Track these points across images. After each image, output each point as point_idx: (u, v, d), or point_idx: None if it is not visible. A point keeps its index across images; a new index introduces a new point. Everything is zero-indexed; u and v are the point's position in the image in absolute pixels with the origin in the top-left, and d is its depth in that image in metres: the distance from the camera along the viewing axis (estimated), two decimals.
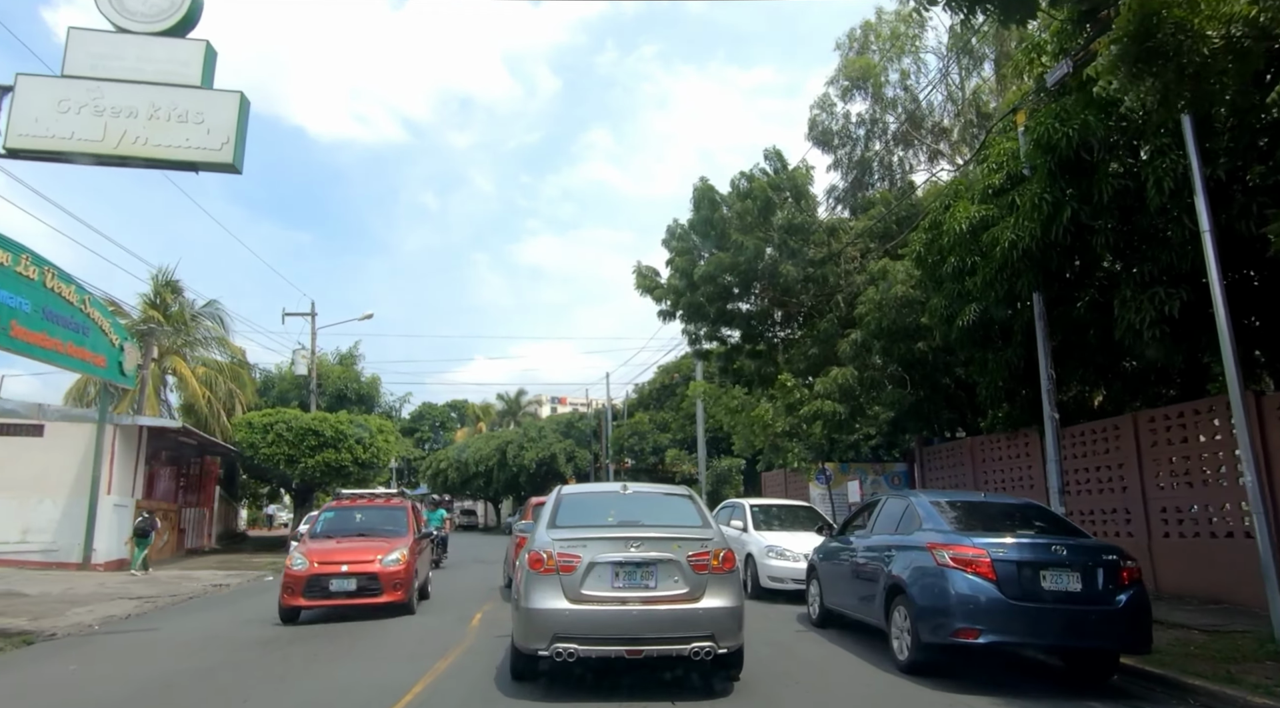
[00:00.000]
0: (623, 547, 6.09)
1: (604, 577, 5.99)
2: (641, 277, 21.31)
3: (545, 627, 5.90)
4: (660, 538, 6.19)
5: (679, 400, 39.49)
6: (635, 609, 5.91)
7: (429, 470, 59.88)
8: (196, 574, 19.58)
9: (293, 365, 32.68)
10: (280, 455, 27.45)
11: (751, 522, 13.63)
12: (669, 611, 5.93)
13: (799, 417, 17.14)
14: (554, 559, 6.03)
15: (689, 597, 5.98)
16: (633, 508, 7.05)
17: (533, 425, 46.13)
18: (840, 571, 8.81)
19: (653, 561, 6.03)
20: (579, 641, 5.84)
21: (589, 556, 6.02)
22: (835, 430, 16.88)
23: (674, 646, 5.89)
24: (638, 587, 5.99)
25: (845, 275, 17.76)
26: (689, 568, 6.04)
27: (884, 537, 7.84)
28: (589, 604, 5.91)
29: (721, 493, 29.03)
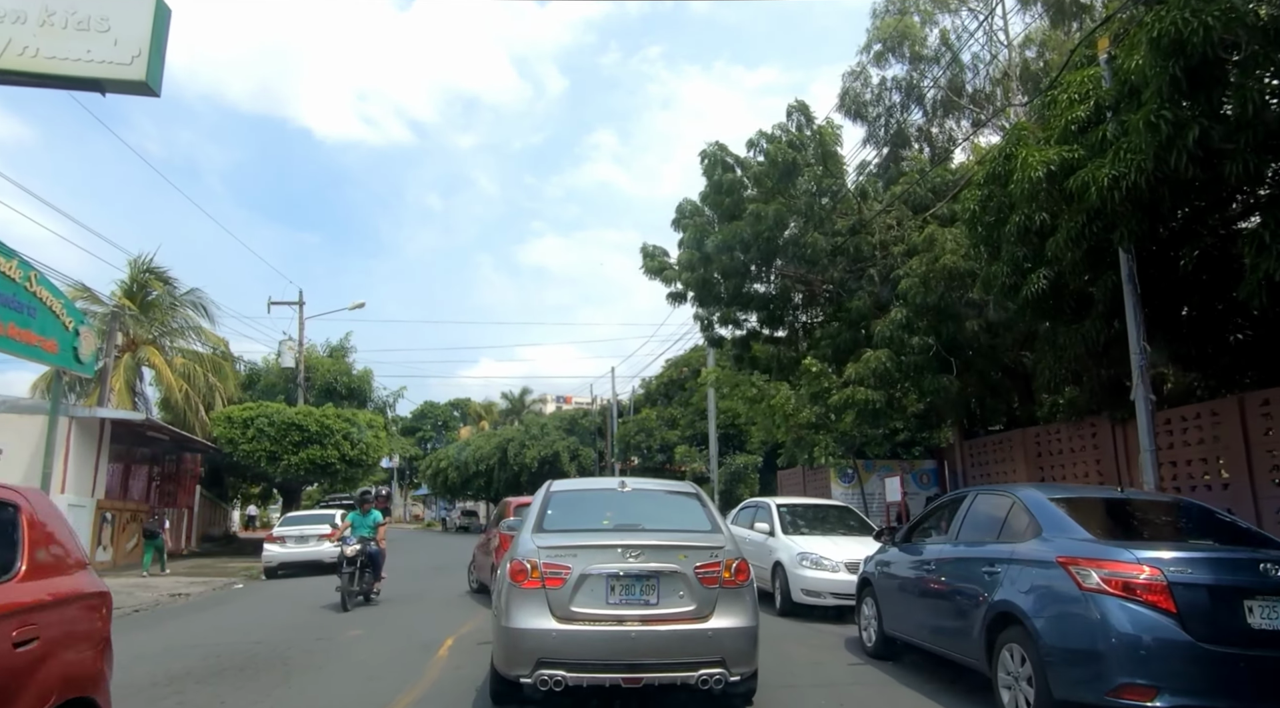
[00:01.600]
0: (620, 556, 5.25)
1: (598, 591, 5.19)
2: (649, 257, 19.32)
3: (528, 650, 5.06)
4: (664, 546, 5.37)
5: (688, 395, 37.48)
6: (634, 630, 5.11)
7: (428, 470, 58.00)
8: (156, 582, 17.73)
9: (279, 358, 30.83)
10: (261, 452, 25.59)
11: (780, 524, 11.65)
12: (673, 631, 5.13)
13: (827, 406, 15.14)
14: (539, 570, 5.18)
15: (696, 615, 5.19)
16: (632, 509, 6.18)
17: (535, 422, 44.11)
18: (909, 588, 6.83)
19: (655, 572, 5.23)
20: (567, 667, 5.00)
21: (580, 566, 5.19)
22: (869, 422, 14.87)
23: (678, 673, 5.05)
24: (637, 603, 5.19)
25: (880, 247, 15.74)
26: (697, 581, 5.24)
27: (979, 546, 5.86)
28: (580, 624, 5.10)
29: (735, 493, 27.03)
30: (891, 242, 15.50)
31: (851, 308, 16.01)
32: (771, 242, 16.05)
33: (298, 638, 9.12)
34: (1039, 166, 9.42)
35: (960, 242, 13.14)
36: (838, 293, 17.65)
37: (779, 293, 18.65)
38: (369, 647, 8.53)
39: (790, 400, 15.41)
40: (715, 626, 5.16)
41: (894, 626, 7.18)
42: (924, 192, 15.86)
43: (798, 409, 15.42)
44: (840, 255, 16.35)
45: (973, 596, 5.63)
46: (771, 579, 11.23)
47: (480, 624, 10.02)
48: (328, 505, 26.99)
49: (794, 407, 15.42)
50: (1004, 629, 5.21)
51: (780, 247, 16.63)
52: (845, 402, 14.63)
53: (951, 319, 14.02)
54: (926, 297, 13.72)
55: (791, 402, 15.38)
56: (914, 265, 13.91)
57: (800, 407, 15.42)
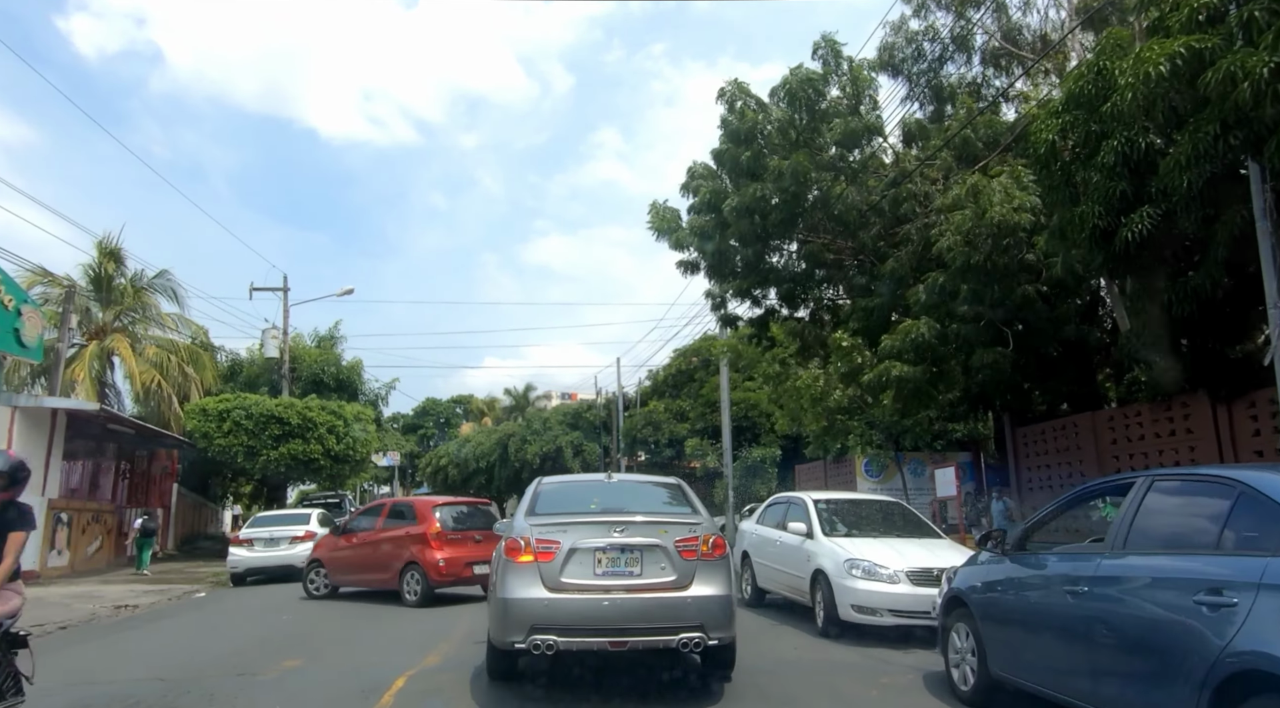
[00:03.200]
0: (605, 531, 5.66)
1: (585, 564, 5.56)
2: (659, 217, 17.27)
3: (522, 618, 5.43)
4: (646, 522, 5.81)
5: (698, 387, 35.45)
6: (619, 598, 5.47)
7: (428, 468, 56.08)
8: (105, 590, 15.76)
9: (261, 347, 28.89)
10: (237, 447, 23.66)
11: (819, 524, 9.60)
12: (655, 599, 5.51)
13: (861, 386, 13.10)
14: (531, 546, 5.59)
15: (676, 585, 5.57)
16: (617, 496, 6.66)
17: (536, 417, 42.08)
18: (1036, 616, 4.80)
19: (638, 546, 5.61)
20: (558, 632, 5.37)
21: (569, 541, 5.58)
22: (911, 402, 12.81)
23: (660, 637, 5.44)
24: (622, 574, 5.57)
25: (922, 202, 13.67)
26: (677, 554, 5.63)
27: (1181, 560, 3.82)
28: (569, 593, 5.47)
29: (750, 489, 24.94)
30: (936, 192, 13.42)
31: (886, 272, 13.95)
32: (796, 200, 14.01)
33: (215, 673, 7.15)
34: (1160, 61, 7.34)
35: (1011, 192, 11.08)
36: (869, 261, 15.61)
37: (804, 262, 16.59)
38: (295, 689, 6.53)
39: (819, 380, 13.35)
40: (694, 594, 5.51)
41: (1007, 666, 5.13)
42: (974, 139, 13.78)
43: (828, 391, 13.36)
44: (875, 215, 14.30)
45: (1176, 638, 3.59)
46: (810, 592, 9.19)
47: (451, 653, 8.02)
48: (311, 505, 25.11)
49: (824, 388, 13.35)
50: (1253, 698, 3.17)
51: (805, 209, 14.60)
52: (881, 380, 12.58)
53: (999, 282, 11.95)
54: (970, 257, 11.68)
55: (821, 381, 13.33)
56: (957, 221, 11.85)
57: (831, 387, 13.37)
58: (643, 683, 6.19)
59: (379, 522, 12.74)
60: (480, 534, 12.21)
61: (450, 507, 12.69)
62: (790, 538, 9.95)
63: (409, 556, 11.67)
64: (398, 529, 12.22)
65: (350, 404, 27.67)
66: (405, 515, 12.51)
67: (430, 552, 11.49)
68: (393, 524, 12.49)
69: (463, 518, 12.45)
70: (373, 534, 12.64)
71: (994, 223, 10.94)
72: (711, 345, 36.51)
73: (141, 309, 26.16)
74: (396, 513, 12.85)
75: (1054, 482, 13.94)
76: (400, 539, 11.99)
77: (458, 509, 12.75)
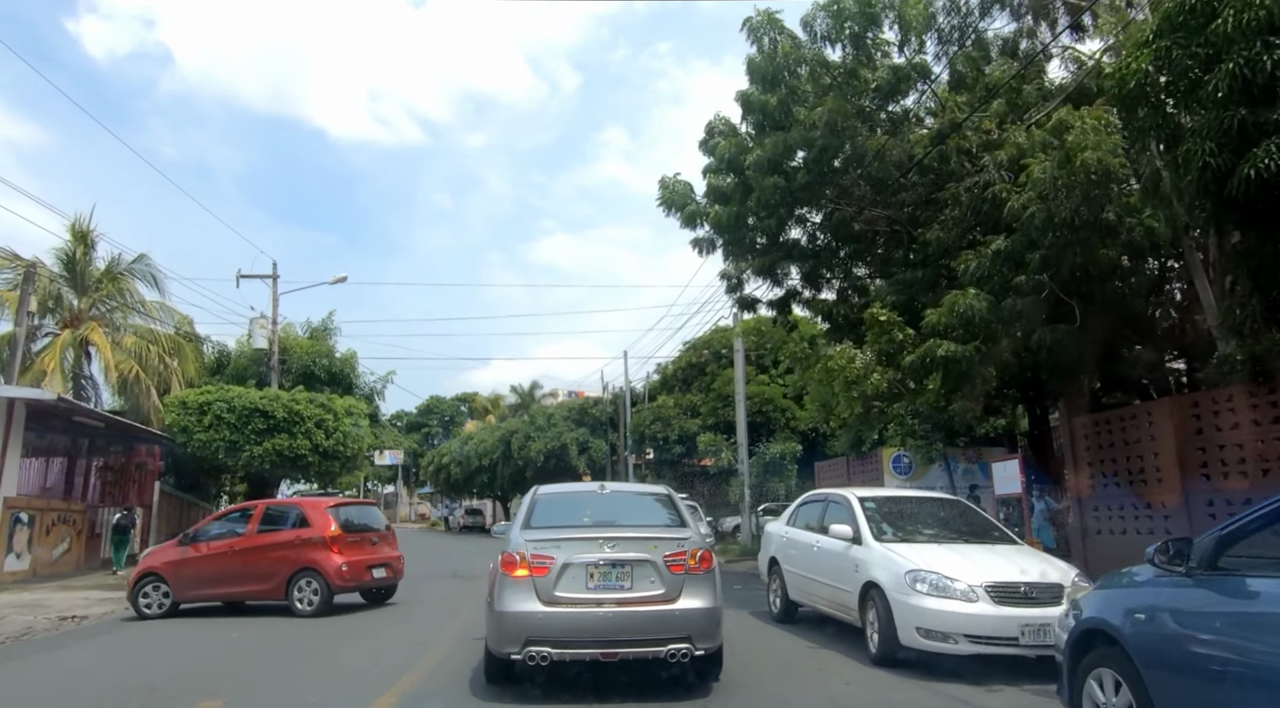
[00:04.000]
0: (598, 547, 5.83)
1: (578, 578, 5.75)
2: (669, 191, 15.66)
3: (517, 630, 5.62)
4: (636, 538, 5.98)
5: (709, 380, 33.77)
6: (610, 611, 5.65)
7: (430, 466, 54.67)
8: (56, 599, 14.20)
9: (249, 338, 27.37)
10: (219, 442, 22.13)
11: (868, 526, 7.94)
12: (645, 612, 5.69)
13: (903, 367, 11.43)
14: (527, 560, 5.77)
15: (665, 598, 5.74)
16: (609, 508, 6.86)
17: (540, 413, 40.46)
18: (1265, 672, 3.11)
19: (628, 561, 5.80)
20: (552, 644, 5.57)
21: (563, 556, 5.77)
22: (960, 386, 11.15)
23: (650, 648, 5.63)
24: (613, 588, 5.75)
25: (971, 157, 11.97)
26: (665, 569, 5.79)
27: None
28: (563, 606, 5.66)
29: (768, 487, 23.26)
30: (992, 147, 11.71)
31: (930, 241, 12.27)
32: (827, 156, 12.33)
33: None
34: None
35: (1110, 124, 9.37)
36: (905, 231, 13.93)
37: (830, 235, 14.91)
38: None
39: (855, 359, 11.68)
40: (682, 606, 5.70)
41: None
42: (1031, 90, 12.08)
43: (865, 372, 11.69)
44: (917, 175, 12.62)
45: None
46: (860, 609, 7.53)
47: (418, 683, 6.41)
48: None
49: (861, 369, 11.68)
50: None
51: (836, 169, 12.93)
52: (925, 360, 10.91)
53: (1081, 245, 10.26)
54: (1052, 214, 9.98)
55: (858, 361, 11.65)
56: (1035, 170, 10.14)
57: (869, 369, 11.70)
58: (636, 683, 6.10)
59: (251, 527, 11.41)
60: (376, 535, 11.75)
61: (345, 508, 11.93)
62: (832, 543, 8.30)
63: (302, 561, 10.80)
64: (282, 533, 11.20)
65: (342, 398, 26.14)
66: (290, 519, 11.43)
67: (331, 556, 10.75)
68: (273, 529, 11.36)
69: (358, 519, 11.82)
70: (242, 541, 11.28)
71: (1086, 169, 9.23)
72: (725, 336, 34.88)
73: (120, 296, 24.67)
74: (277, 516, 11.62)
75: (1119, 480, 12.23)
76: (287, 544, 11.00)
77: (353, 510, 12.12)
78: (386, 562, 11.91)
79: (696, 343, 35.28)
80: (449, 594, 13.50)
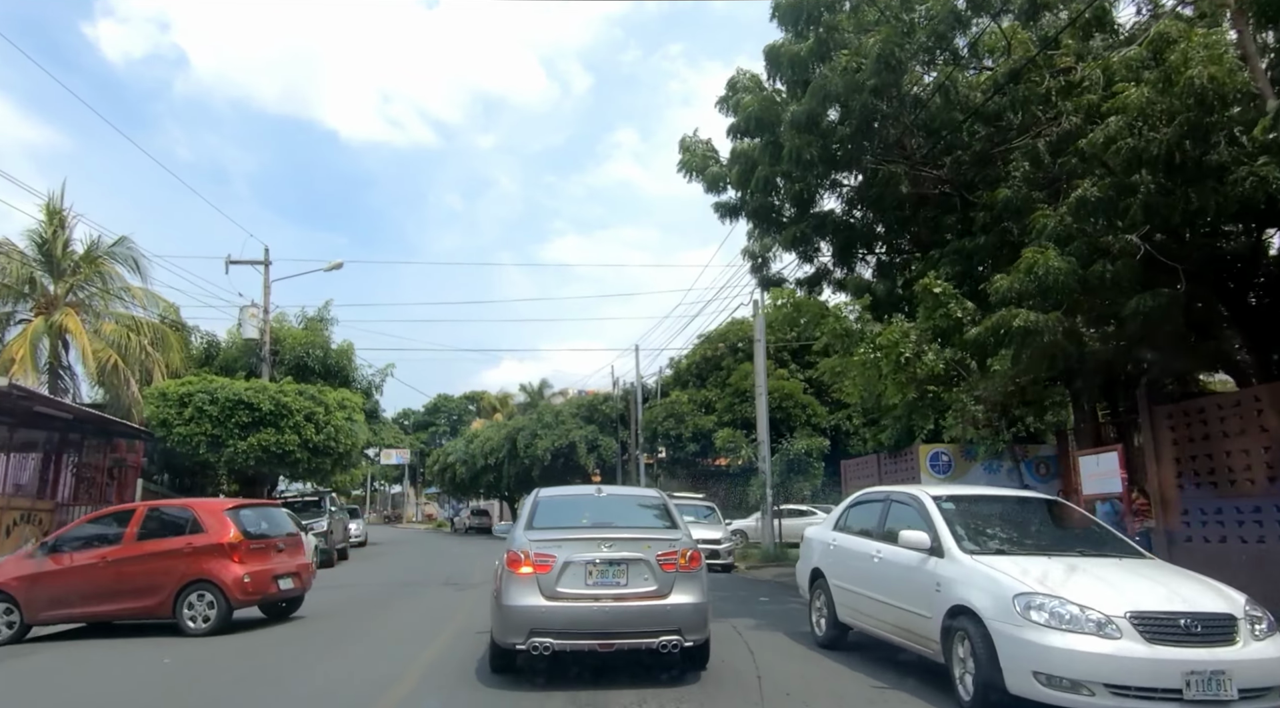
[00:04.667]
0: (596, 547, 6.23)
1: (578, 575, 6.16)
2: (690, 153, 13.92)
3: (522, 623, 6.04)
4: (631, 539, 6.36)
5: (725, 375, 32.00)
6: (607, 606, 6.11)
7: (435, 466, 53.13)
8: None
9: (239, 328, 25.85)
10: (200, 436, 20.57)
11: (950, 534, 6.18)
12: (639, 607, 6.13)
13: (967, 343, 9.66)
14: (531, 559, 6.17)
15: (657, 594, 6.17)
16: (606, 510, 7.20)
17: (548, 410, 38.74)
18: None
19: (624, 560, 6.20)
20: (554, 635, 5.98)
21: (564, 555, 6.16)
22: (1039, 364, 9.37)
23: (643, 639, 6.08)
24: (609, 585, 6.17)
25: (1045, 103, 10.16)
26: (658, 567, 6.21)
27: None
28: (564, 601, 6.08)
29: (792, 488, 21.46)
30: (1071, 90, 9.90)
31: (997, 201, 10.47)
32: (877, 97, 10.55)
33: None
34: None
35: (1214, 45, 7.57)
36: (959, 193, 12.15)
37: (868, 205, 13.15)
38: None
39: (910, 336, 9.90)
40: (673, 602, 6.17)
41: None
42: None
43: (919, 350, 9.92)
44: (979, 123, 10.84)
45: None
46: (944, 642, 5.77)
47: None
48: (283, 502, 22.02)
49: (914, 347, 9.91)
50: None
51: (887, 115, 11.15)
52: (998, 333, 9.13)
53: (1192, 185, 8.44)
54: (1144, 148, 8.20)
55: (912, 337, 9.87)
56: (1128, 96, 8.35)
57: (923, 347, 9.94)
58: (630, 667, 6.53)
59: (129, 533, 9.72)
60: (284, 541, 10.48)
61: (247, 510, 10.49)
62: (900, 554, 6.55)
63: (194, 572, 9.33)
64: (168, 541, 9.64)
65: (333, 390, 24.54)
66: (179, 524, 9.82)
67: (231, 566, 9.35)
68: (157, 536, 9.72)
69: (262, 523, 10.43)
70: (118, 550, 9.61)
71: (1191, 89, 7.44)
72: (742, 329, 33.09)
73: (100, 280, 23.19)
74: (162, 521, 9.97)
75: (1215, 478, 10.41)
76: (174, 553, 9.48)
77: (255, 512, 10.68)
78: (295, 571, 10.39)
79: (712, 336, 33.55)
80: (432, 611, 11.65)
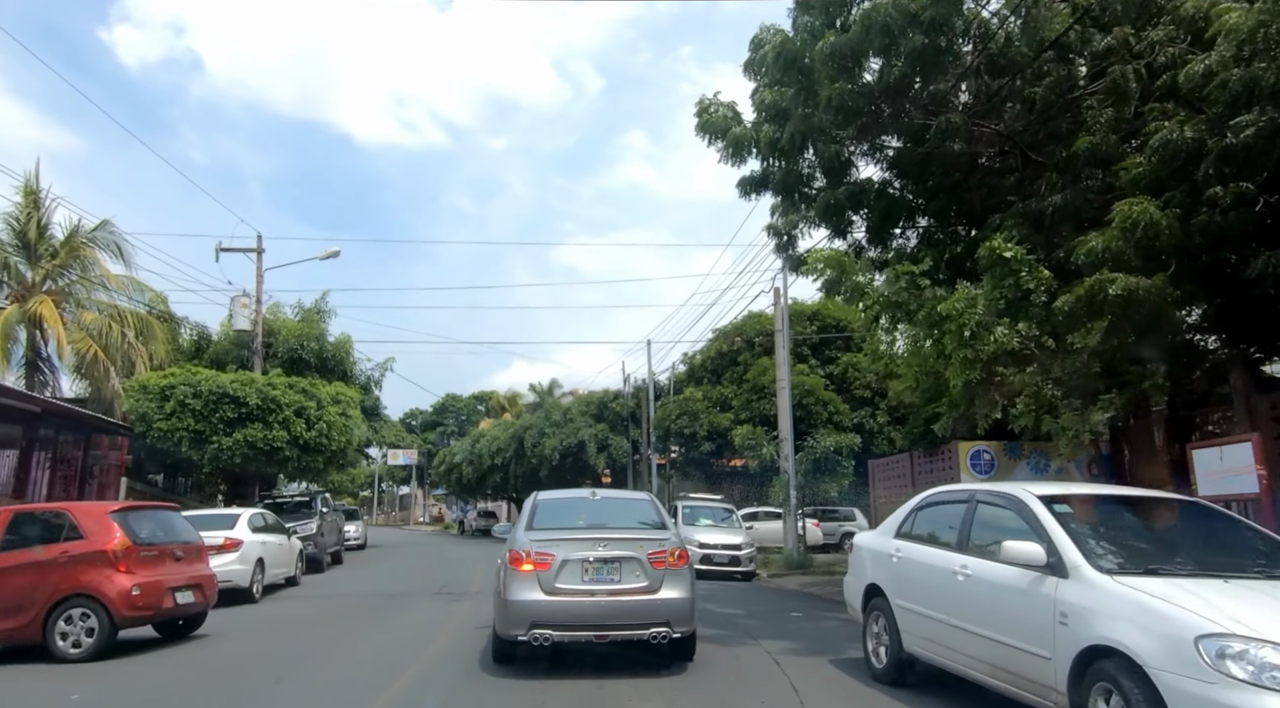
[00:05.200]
0: (591, 546, 6.76)
1: (575, 572, 6.64)
2: (709, 115, 12.36)
3: (524, 616, 6.54)
4: (624, 539, 6.89)
5: (742, 371, 30.37)
6: (602, 600, 6.62)
7: (441, 466, 51.85)
8: None
9: (230, 318, 24.51)
10: (182, 432, 19.24)
11: (1075, 545, 4.59)
12: (631, 601, 6.64)
13: (1055, 312, 8.08)
14: (531, 557, 6.65)
15: (648, 589, 6.68)
16: (600, 511, 7.63)
17: (556, 407, 37.24)
18: None
19: (617, 558, 6.72)
20: (553, 628, 6.52)
21: (562, 554, 6.67)
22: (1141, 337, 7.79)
23: (635, 630, 6.61)
24: (604, 581, 6.67)
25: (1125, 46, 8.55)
26: (649, 564, 6.72)
27: None
28: (562, 596, 6.59)
29: (819, 489, 19.88)
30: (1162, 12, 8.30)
31: (1077, 152, 8.89)
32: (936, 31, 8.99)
33: None
34: None
35: None
36: (1019, 151, 10.60)
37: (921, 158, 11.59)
38: None
39: (976, 305, 8.32)
40: (662, 596, 6.69)
41: None
42: None
43: (985, 325, 8.34)
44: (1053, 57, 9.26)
45: None
46: (1074, 692, 4.21)
47: None
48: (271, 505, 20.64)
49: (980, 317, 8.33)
50: None
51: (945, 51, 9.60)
52: (1093, 299, 7.55)
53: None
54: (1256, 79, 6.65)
55: (980, 306, 8.30)
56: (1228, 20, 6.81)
57: (991, 319, 8.36)
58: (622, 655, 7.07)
59: None
60: (182, 550, 9.10)
61: (135, 513, 9.08)
62: (997, 571, 5.01)
63: (69, 586, 7.94)
64: (39, 550, 8.18)
65: (329, 384, 23.15)
66: (52, 530, 8.40)
67: (116, 578, 7.96)
68: (24, 545, 8.24)
69: (154, 528, 9.04)
70: None
71: None
72: (759, 322, 31.51)
73: (81, 267, 21.90)
74: (33, 527, 8.51)
75: None
76: (46, 564, 8.06)
77: (146, 516, 9.24)
78: (195, 583, 8.98)
79: (727, 330, 31.94)
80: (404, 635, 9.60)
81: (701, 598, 8.23)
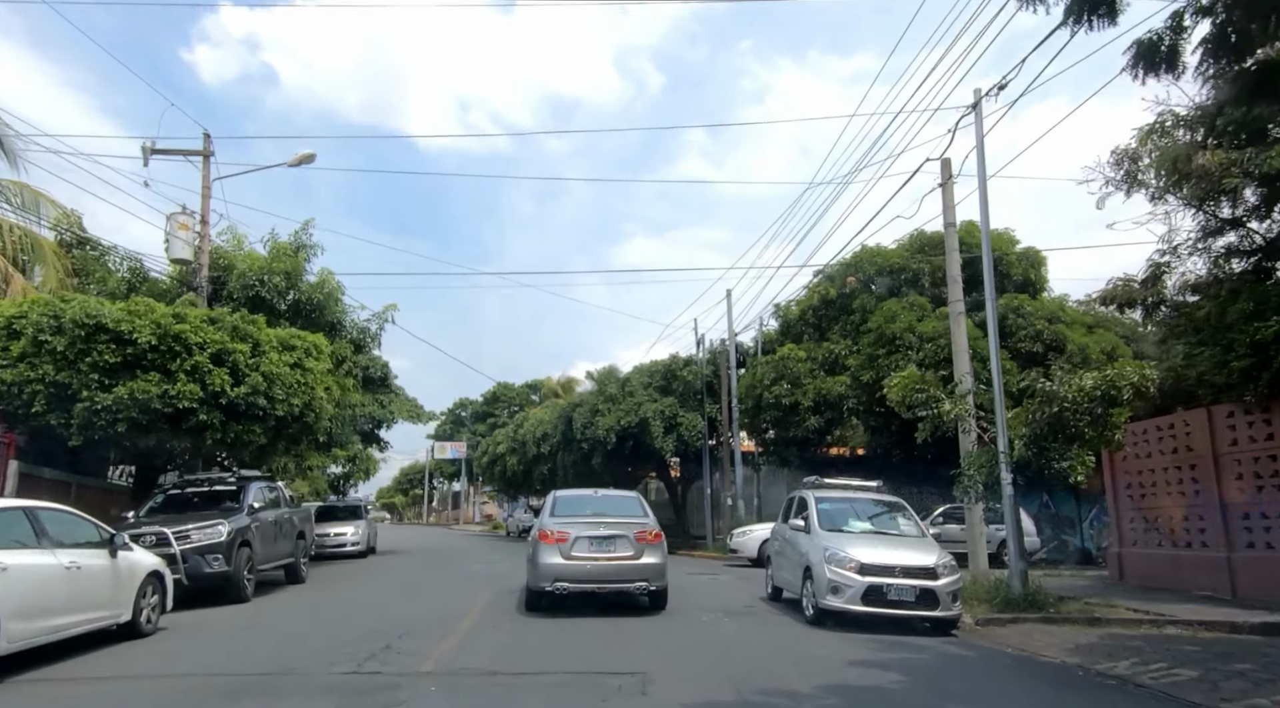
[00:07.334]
0: (595, 527, 10.29)
1: (583, 545, 10.09)
2: None
3: (549, 573, 9.99)
4: (618, 522, 10.47)
5: (858, 320, 22.41)
6: (602, 563, 10.04)
7: (484, 458, 45.25)
8: None
9: (167, 246, 17.91)
10: (35, 384, 12.58)
11: None
12: (622, 565, 10.08)
13: None
14: (553, 535, 10.14)
15: (634, 557, 10.12)
16: (602, 506, 11.22)
17: (611, 379, 29.74)
18: None
19: (613, 536, 10.19)
20: (569, 581, 9.95)
21: (575, 532, 10.16)
22: None
23: (624, 585, 10.13)
24: (604, 551, 10.11)
25: None
26: (634, 540, 10.17)
27: None
28: (575, 561, 10.01)
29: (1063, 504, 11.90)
30: None
31: None
32: None
33: None
34: None
35: None
36: None
37: None
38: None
39: None
40: (644, 562, 10.14)
41: None
42: None
43: None
44: None
45: None
46: None
47: None
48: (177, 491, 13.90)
49: None
50: None
51: None
52: None
53: None
54: None
55: None
56: None
57: None
58: None
59: None
60: None
61: None
62: None
63: None
64: None
65: (295, 331, 16.23)
66: None
67: None
68: None
69: None
70: None
71: None
72: (877, 257, 23.53)
73: None
74: None
75: None
76: None
77: None
78: None
79: (833, 271, 24.06)
80: None
81: None
